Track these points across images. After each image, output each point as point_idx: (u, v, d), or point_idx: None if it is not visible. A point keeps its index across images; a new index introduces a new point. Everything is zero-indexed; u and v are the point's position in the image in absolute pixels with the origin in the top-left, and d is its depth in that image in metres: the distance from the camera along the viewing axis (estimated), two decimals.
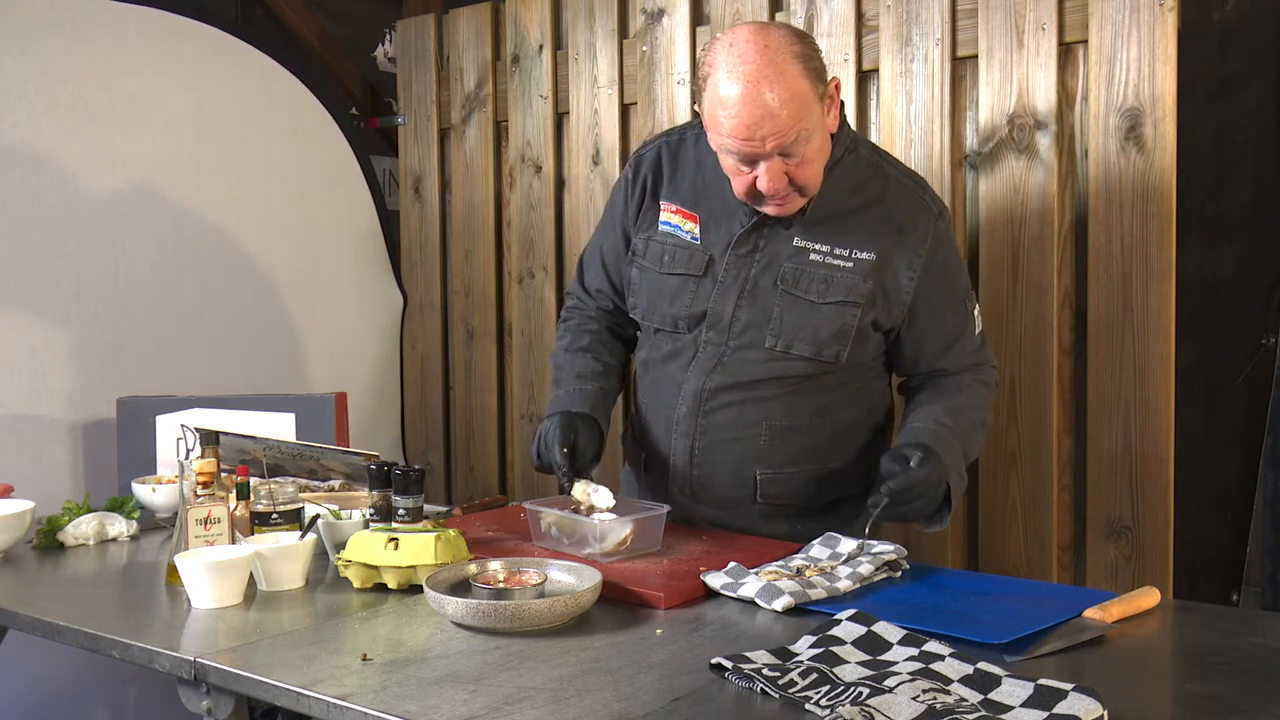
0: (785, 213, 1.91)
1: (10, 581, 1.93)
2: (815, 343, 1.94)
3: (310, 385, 3.21)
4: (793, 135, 1.79)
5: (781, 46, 1.78)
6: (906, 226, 1.94)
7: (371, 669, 1.42)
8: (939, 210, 1.98)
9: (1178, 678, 1.45)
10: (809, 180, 1.87)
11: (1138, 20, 2.27)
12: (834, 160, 1.92)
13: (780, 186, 1.84)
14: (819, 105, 1.82)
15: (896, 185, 1.97)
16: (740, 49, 1.78)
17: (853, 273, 1.92)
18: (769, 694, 1.30)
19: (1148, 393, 2.30)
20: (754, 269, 1.96)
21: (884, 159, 2.02)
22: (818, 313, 1.93)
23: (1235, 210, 2.89)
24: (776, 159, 1.81)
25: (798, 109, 1.78)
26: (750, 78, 1.76)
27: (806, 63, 1.80)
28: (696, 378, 2.00)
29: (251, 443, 2.21)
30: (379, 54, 3.64)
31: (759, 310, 1.95)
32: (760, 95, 1.76)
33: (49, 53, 2.72)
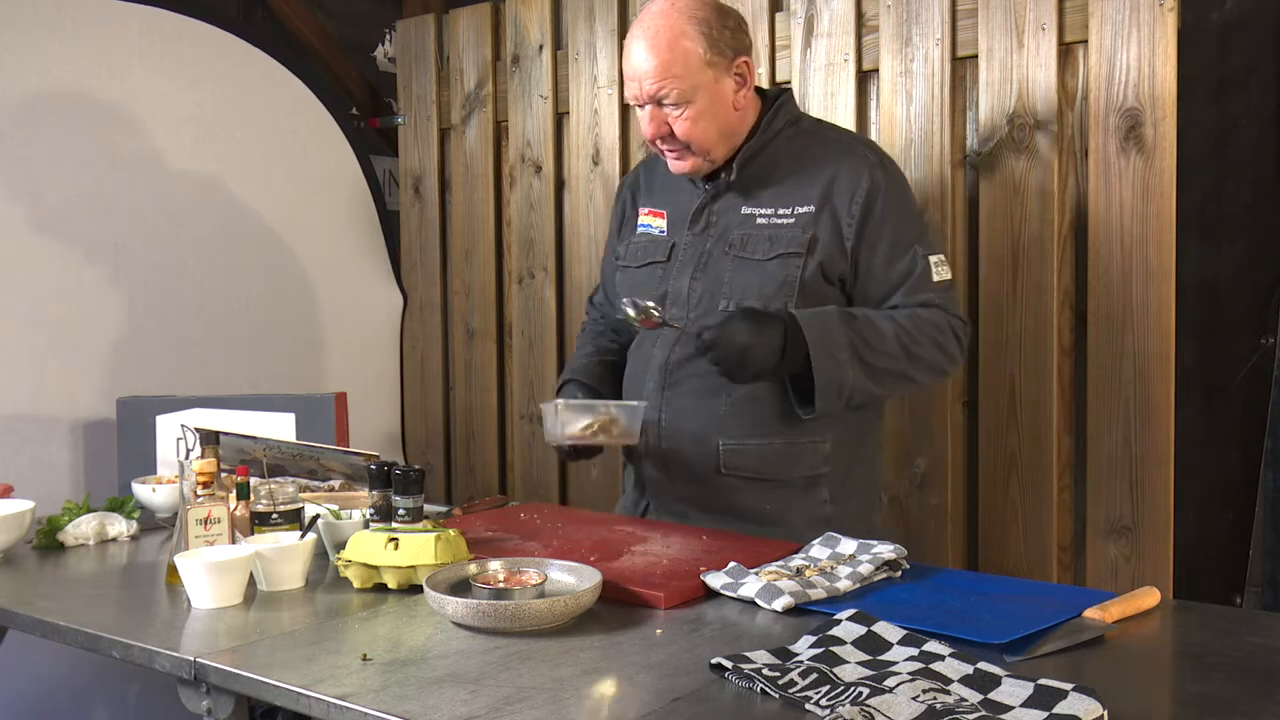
0: (683, 170, 2.06)
1: (10, 581, 1.93)
2: (762, 297, 2.00)
3: (310, 385, 3.21)
4: (666, 88, 1.96)
5: (685, 10, 1.97)
6: (843, 175, 2.01)
7: (371, 669, 1.42)
8: (878, 159, 2.04)
9: (1178, 678, 1.45)
10: (690, 137, 1.99)
11: (1138, 20, 2.27)
12: (774, 131, 2.06)
13: (659, 133, 2.00)
14: (708, 72, 1.97)
15: (835, 144, 2.08)
16: (651, 5, 2.01)
17: (794, 227, 2.02)
18: (769, 694, 1.30)
19: (1148, 393, 2.30)
20: (709, 243, 2.08)
21: (826, 127, 2.16)
22: (763, 270, 2.01)
23: (1235, 210, 2.89)
24: (656, 107, 1.98)
25: (675, 63, 1.95)
26: (645, 24, 1.98)
27: (707, 30, 1.97)
28: (662, 353, 2.09)
29: (251, 443, 2.21)
30: (379, 54, 3.64)
31: (713, 279, 2.05)
32: (645, 41, 1.97)
33: (50, 52, 2.72)
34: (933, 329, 1.98)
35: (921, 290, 2.00)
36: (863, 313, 1.97)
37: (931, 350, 1.99)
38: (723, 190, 2.08)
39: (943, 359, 2.01)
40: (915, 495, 2.58)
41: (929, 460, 2.56)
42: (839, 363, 1.90)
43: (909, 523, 2.59)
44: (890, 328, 1.95)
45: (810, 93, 2.68)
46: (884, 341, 1.94)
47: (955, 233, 2.51)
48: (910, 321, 1.97)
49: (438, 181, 3.43)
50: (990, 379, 2.49)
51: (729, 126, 2.03)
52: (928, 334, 1.98)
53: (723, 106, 2.00)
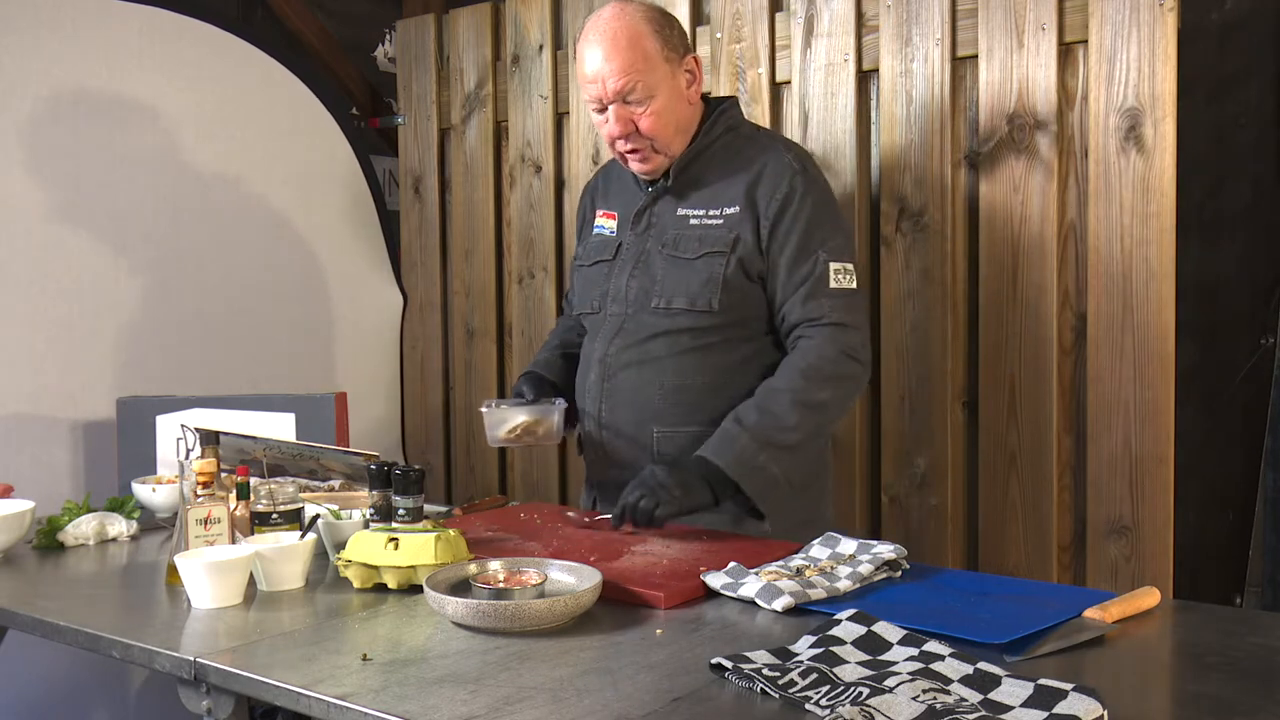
0: (647, 170, 2.15)
1: (10, 581, 1.93)
2: (689, 294, 2.10)
3: (310, 385, 3.21)
4: (631, 83, 2.05)
5: (636, 14, 2.09)
6: (765, 176, 2.10)
7: (371, 669, 1.42)
8: (800, 166, 2.11)
9: (1178, 678, 1.45)
10: (655, 132, 2.09)
11: (1138, 20, 2.27)
12: (713, 137, 2.15)
13: (625, 131, 2.09)
14: (665, 67, 2.08)
15: (762, 147, 2.15)
16: (602, 12, 2.11)
17: (722, 227, 2.10)
18: (769, 694, 1.30)
19: (1148, 393, 2.30)
20: (648, 243, 2.17)
21: (763, 133, 2.24)
22: (692, 268, 2.10)
23: (1235, 210, 2.89)
24: (621, 105, 2.07)
25: (636, 59, 2.05)
26: (599, 28, 2.09)
27: (658, 29, 2.08)
28: (602, 346, 2.19)
29: (251, 443, 2.21)
30: (379, 54, 3.64)
31: (649, 277, 2.15)
32: (605, 42, 2.06)
33: (50, 52, 2.72)
34: (822, 370, 2.04)
35: (816, 296, 2.05)
36: (755, 407, 2.02)
37: (831, 389, 2.05)
38: (662, 193, 2.17)
39: (845, 388, 2.09)
40: (915, 495, 2.58)
41: (929, 460, 2.56)
42: (760, 467, 1.98)
43: (909, 523, 2.59)
44: (785, 401, 2.01)
45: (810, 93, 2.68)
46: (785, 419, 2.00)
47: (955, 233, 2.51)
48: (801, 378, 2.03)
49: (438, 181, 3.42)
50: (990, 379, 2.49)
51: (684, 122, 2.13)
52: (821, 378, 2.04)
53: (678, 102, 2.11)
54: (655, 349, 2.13)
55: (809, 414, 2.02)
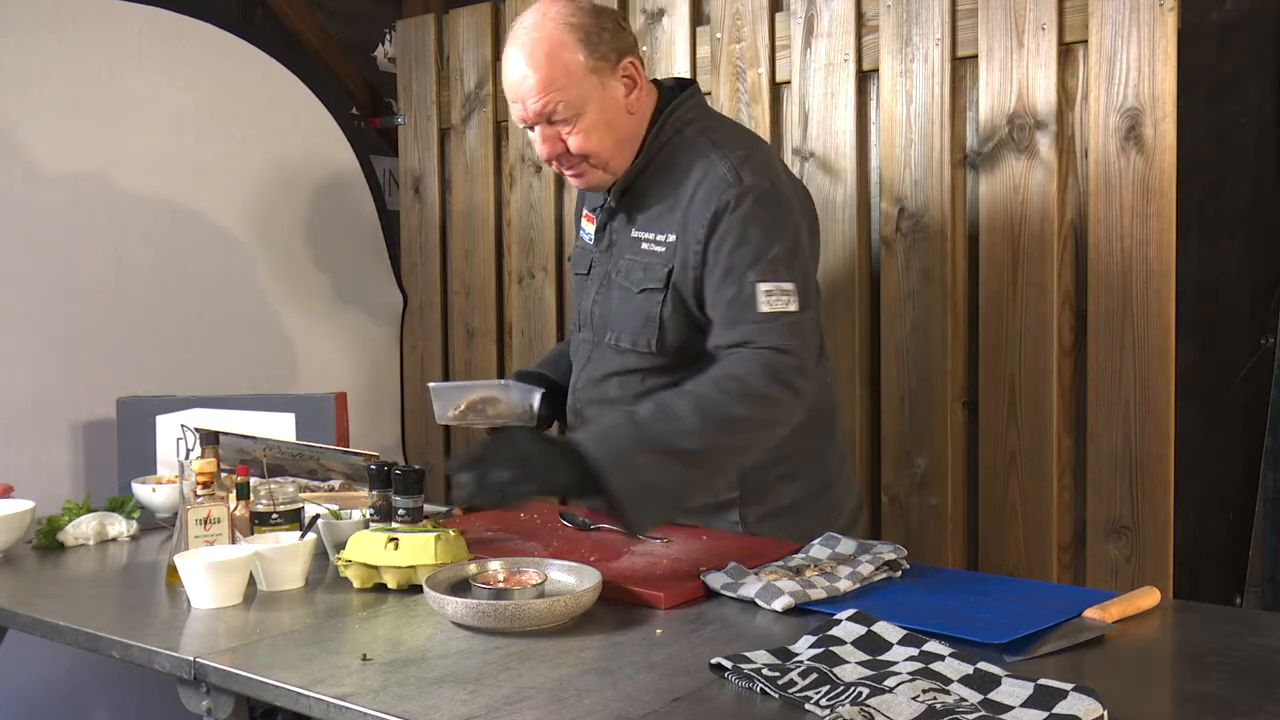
0: (587, 186, 1.98)
1: (10, 581, 1.93)
2: (632, 333, 1.95)
3: (310, 385, 3.21)
4: (551, 103, 1.85)
5: (558, 18, 1.86)
6: (698, 200, 1.87)
7: (371, 669, 1.42)
8: (737, 179, 1.85)
9: (1178, 678, 1.45)
10: (587, 151, 1.89)
11: (1138, 20, 2.27)
12: (660, 144, 1.94)
13: (554, 152, 1.90)
14: (591, 79, 1.86)
15: (704, 158, 1.90)
16: (523, 18, 1.89)
17: (660, 257, 1.92)
18: (769, 694, 1.30)
19: (1148, 393, 2.30)
20: (609, 264, 2.00)
21: (709, 134, 1.94)
22: (634, 303, 1.95)
23: (1235, 210, 2.89)
24: (546, 125, 1.88)
25: (556, 75, 1.84)
26: (518, 41, 1.87)
27: (583, 35, 1.85)
28: (575, 374, 2.08)
29: (251, 443, 2.21)
30: (379, 54, 3.64)
31: (608, 305, 2.00)
32: (523, 56, 1.85)
33: (50, 52, 2.72)
34: (738, 381, 1.76)
35: (740, 322, 1.81)
36: (654, 403, 1.78)
37: (748, 406, 1.76)
38: (614, 212, 2.01)
39: (768, 412, 1.78)
40: (915, 495, 2.58)
41: (929, 460, 2.56)
42: (637, 468, 1.68)
43: (909, 523, 2.59)
44: (688, 404, 1.74)
45: (810, 93, 2.68)
46: (681, 422, 1.72)
47: (955, 233, 2.51)
48: (713, 386, 1.76)
49: (438, 181, 3.42)
50: (990, 379, 2.49)
51: (624, 133, 1.92)
52: (736, 390, 1.75)
53: (615, 114, 1.90)
54: (611, 391, 1.99)
55: (713, 426, 1.73)
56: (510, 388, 2.06)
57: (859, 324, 2.65)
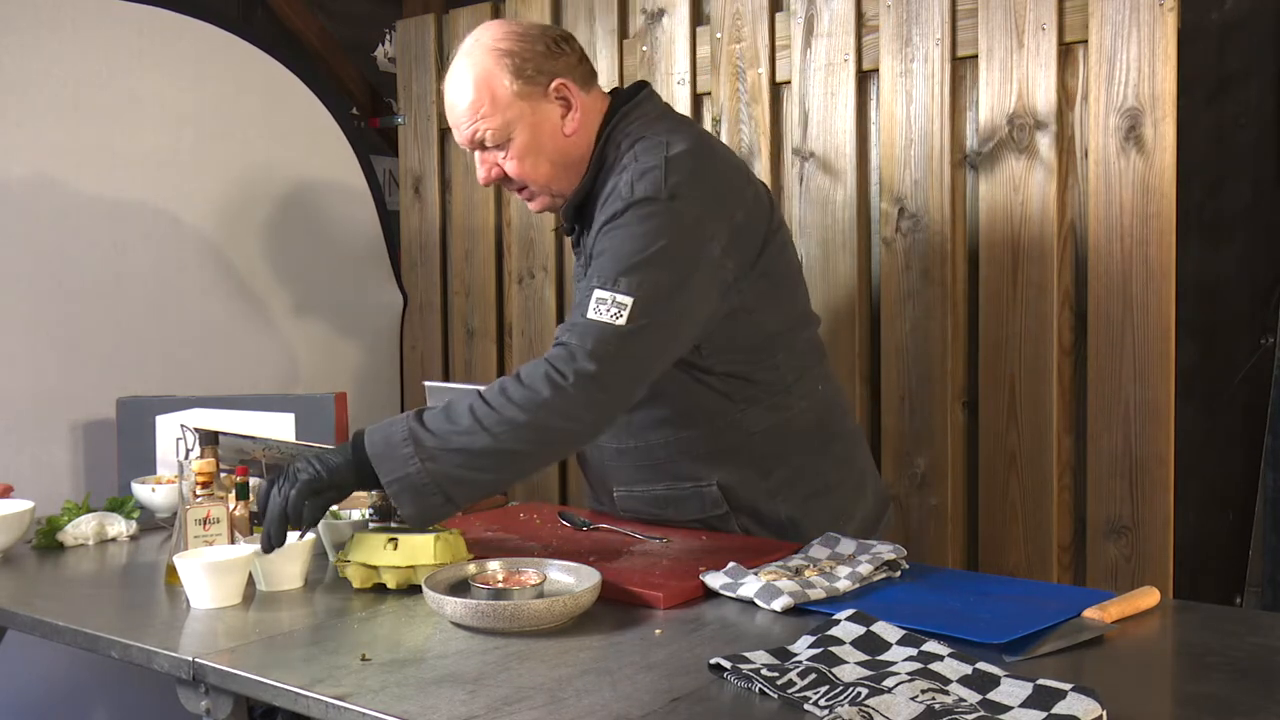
0: (538, 209, 2.00)
1: (10, 581, 1.93)
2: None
3: (310, 385, 3.21)
4: (481, 130, 1.87)
5: (488, 45, 1.87)
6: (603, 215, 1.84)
7: (370, 669, 1.42)
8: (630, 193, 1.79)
9: (1178, 678, 1.45)
10: (524, 176, 1.90)
11: (1138, 20, 2.27)
12: (603, 160, 1.91)
13: (491, 177, 1.92)
14: (521, 105, 1.86)
15: (622, 174, 1.85)
16: (463, 42, 1.91)
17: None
18: (768, 694, 1.30)
19: (1148, 393, 2.30)
20: (582, 280, 1.95)
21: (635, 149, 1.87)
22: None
23: (1235, 210, 2.89)
24: (482, 150, 1.90)
25: (481, 102, 1.86)
26: (453, 66, 1.90)
27: (509, 62, 1.85)
28: None
29: (251, 443, 2.21)
30: (379, 54, 3.64)
31: None
32: (453, 85, 1.89)
33: (50, 52, 2.72)
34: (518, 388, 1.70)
35: (568, 328, 1.75)
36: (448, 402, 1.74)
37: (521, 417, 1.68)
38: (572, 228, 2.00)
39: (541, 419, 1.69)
40: (915, 495, 2.58)
41: (929, 460, 2.56)
42: (402, 459, 1.68)
43: (909, 523, 2.59)
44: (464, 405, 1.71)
45: (810, 93, 2.68)
46: (455, 423, 1.69)
47: (955, 233, 2.51)
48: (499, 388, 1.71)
49: (438, 181, 3.42)
50: (990, 379, 2.49)
51: (561, 156, 1.90)
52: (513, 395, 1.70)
53: (547, 137, 1.88)
54: None
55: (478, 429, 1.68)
56: None
57: (859, 324, 2.65)
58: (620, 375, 1.74)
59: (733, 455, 1.96)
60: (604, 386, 1.71)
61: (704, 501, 1.99)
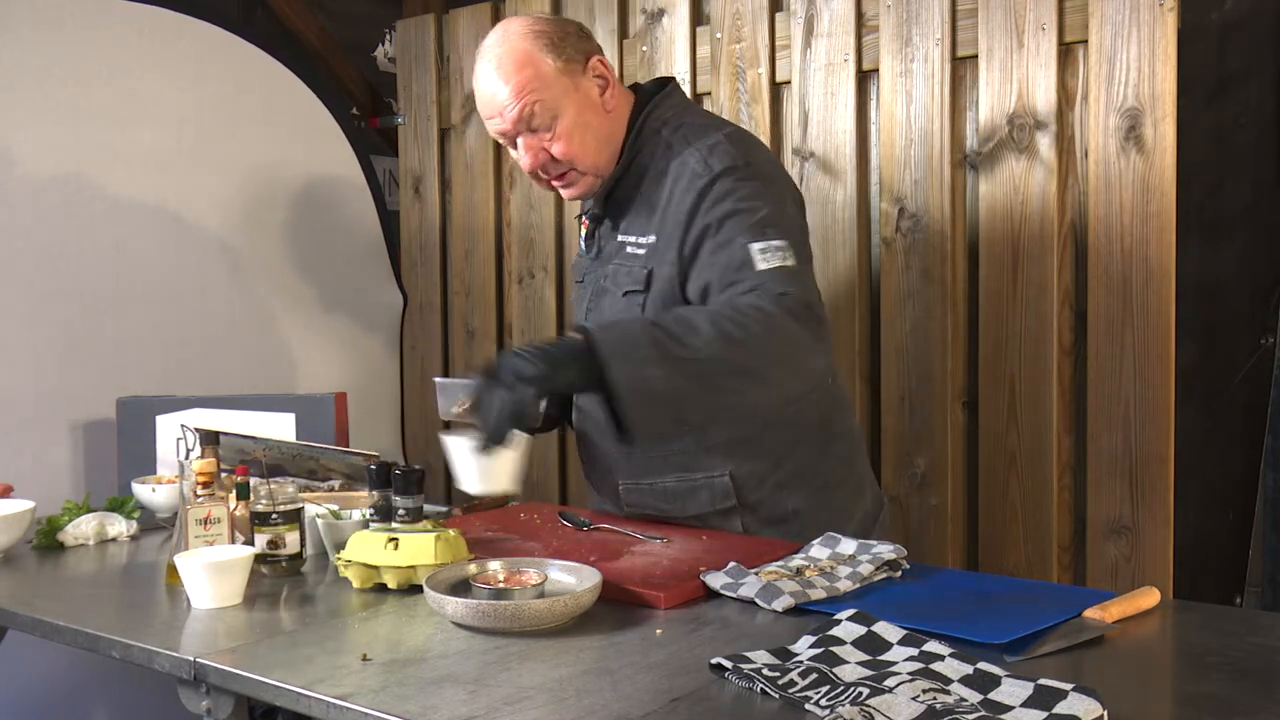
0: (577, 195, 1.98)
1: (10, 581, 1.93)
2: None
3: (310, 385, 3.21)
4: (528, 106, 1.87)
5: (521, 29, 1.91)
6: (676, 200, 1.86)
7: (371, 669, 1.42)
8: (706, 167, 1.83)
9: (1178, 678, 1.45)
10: (572, 155, 1.91)
11: (1138, 20, 2.27)
12: (638, 146, 1.94)
13: (539, 161, 1.92)
14: (564, 80, 1.89)
15: (679, 159, 1.88)
16: (488, 39, 1.93)
17: (641, 259, 1.92)
18: (769, 694, 1.30)
19: (1148, 393, 2.30)
20: (600, 270, 2.01)
21: (683, 132, 1.92)
22: (618, 306, 1.95)
23: (1235, 210, 2.89)
24: (528, 134, 1.90)
25: (529, 80, 1.87)
26: (485, 56, 1.91)
27: (547, 41, 1.90)
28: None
29: (251, 443, 2.21)
30: (379, 54, 3.64)
31: (600, 312, 1.99)
32: (494, 70, 1.89)
33: (50, 51, 2.72)
34: (756, 310, 1.68)
35: (739, 281, 1.74)
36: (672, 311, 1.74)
37: (763, 333, 1.67)
38: (599, 219, 2.02)
39: (783, 342, 1.70)
40: (915, 495, 2.58)
41: (929, 460, 2.56)
42: (642, 360, 1.59)
43: (909, 523, 2.59)
44: (704, 315, 1.68)
45: (810, 93, 2.68)
46: (697, 331, 1.63)
47: (955, 233, 2.51)
48: (730, 308, 1.69)
49: (438, 181, 3.43)
50: (990, 379, 2.49)
51: (605, 133, 1.93)
52: (752, 315, 1.67)
53: (592, 112, 1.92)
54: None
55: (726, 342, 1.64)
56: None
57: (859, 324, 2.65)
58: (816, 304, 1.79)
59: (746, 446, 1.97)
60: (820, 316, 1.76)
61: (713, 493, 1.98)
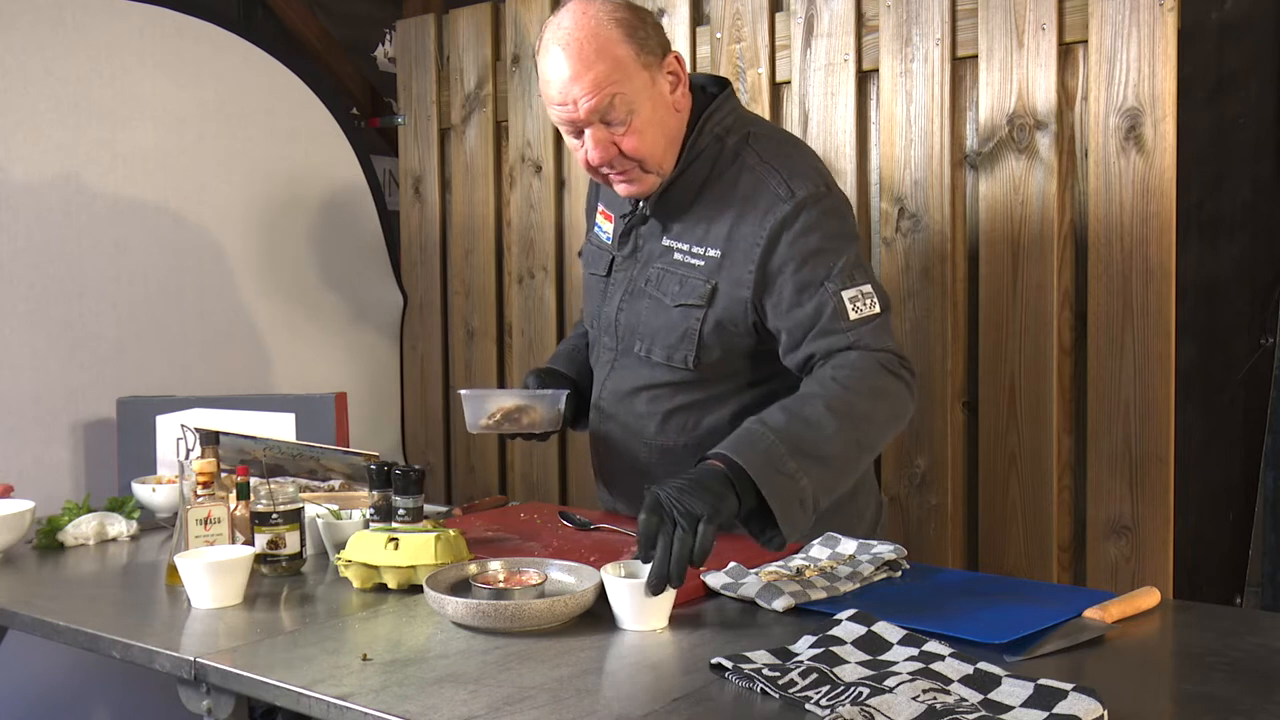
0: (637, 192, 1.88)
1: (10, 581, 1.93)
2: (666, 347, 1.90)
3: (310, 385, 3.21)
4: (606, 98, 1.76)
5: (601, 14, 1.78)
6: (748, 219, 1.83)
7: (371, 669, 1.42)
8: (789, 191, 1.81)
9: (1178, 678, 1.45)
10: (642, 153, 1.82)
11: (1138, 20, 2.27)
12: (698, 150, 1.88)
13: (607, 157, 1.81)
14: (643, 74, 1.79)
15: (750, 173, 1.85)
16: (560, 18, 1.80)
17: (700, 271, 1.87)
18: (769, 694, 1.30)
19: (1148, 393, 2.30)
20: (635, 270, 1.96)
21: (751, 146, 1.89)
22: (669, 316, 1.89)
23: (1234, 210, 2.89)
24: (599, 127, 1.80)
25: (609, 71, 1.76)
26: (562, 41, 1.77)
27: (630, 30, 1.78)
28: (599, 382, 2.04)
29: (251, 443, 2.21)
30: (379, 54, 3.64)
31: (635, 314, 1.95)
32: (569, 55, 1.76)
33: (51, 51, 2.72)
34: (860, 380, 1.74)
35: (833, 331, 1.78)
36: (782, 409, 1.70)
37: (871, 403, 1.74)
38: (644, 218, 1.95)
39: (889, 405, 1.78)
40: (915, 495, 2.58)
41: (929, 460, 2.56)
42: (790, 475, 1.63)
43: (909, 523, 2.59)
44: (819, 407, 1.70)
45: (810, 93, 2.68)
46: (820, 427, 1.68)
47: (955, 233, 2.51)
48: (836, 385, 1.73)
49: (438, 181, 3.43)
50: (990, 379, 2.49)
51: (673, 132, 1.86)
52: (859, 388, 1.73)
53: (665, 111, 1.84)
54: (639, 406, 1.96)
55: (847, 425, 1.70)
56: (541, 397, 2.01)
57: None
58: (903, 354, 1.84)
59: None
60: (910, 366, 1.83)
61: None
